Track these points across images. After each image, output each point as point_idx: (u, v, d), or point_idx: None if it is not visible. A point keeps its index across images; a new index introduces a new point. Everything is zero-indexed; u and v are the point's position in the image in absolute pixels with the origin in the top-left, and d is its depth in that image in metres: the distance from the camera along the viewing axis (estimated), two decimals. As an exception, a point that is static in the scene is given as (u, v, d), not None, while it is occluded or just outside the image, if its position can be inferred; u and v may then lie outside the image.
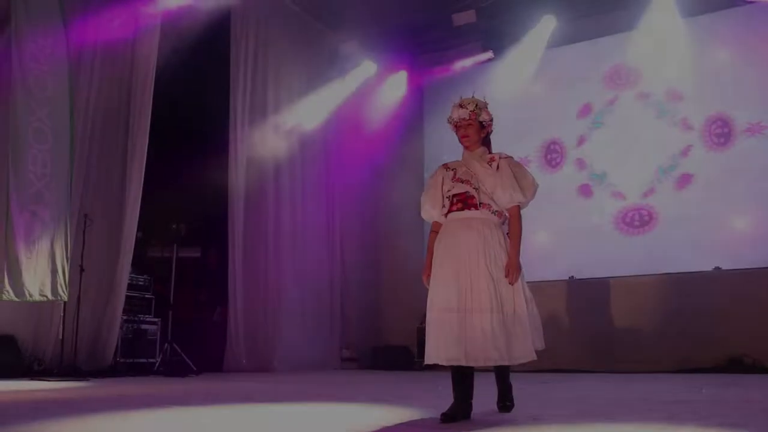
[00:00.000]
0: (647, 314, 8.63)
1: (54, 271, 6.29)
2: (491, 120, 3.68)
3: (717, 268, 8.38)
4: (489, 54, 10.21)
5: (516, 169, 3.57)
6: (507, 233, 3.60)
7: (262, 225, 9.10)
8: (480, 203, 3.51)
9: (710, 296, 8.26)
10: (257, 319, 8.89)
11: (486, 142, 3.72)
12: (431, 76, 10.73)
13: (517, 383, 3.79)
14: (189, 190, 8.47)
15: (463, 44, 10.64)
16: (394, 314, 10.39)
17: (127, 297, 7.56)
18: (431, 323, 3.41)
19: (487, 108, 3.66)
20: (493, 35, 10.23)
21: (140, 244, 7.98)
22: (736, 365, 7.73)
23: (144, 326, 7.95)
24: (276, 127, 9.44)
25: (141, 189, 7.42)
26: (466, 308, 3.32)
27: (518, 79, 10.06)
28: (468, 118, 3.60)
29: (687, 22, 9.09)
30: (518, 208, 3.54)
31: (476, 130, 3.62)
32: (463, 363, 3.25)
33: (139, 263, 8.17)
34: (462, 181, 3.57)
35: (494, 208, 3.52)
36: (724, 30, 8.94)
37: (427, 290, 3.49)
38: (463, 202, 3.54)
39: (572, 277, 9.17)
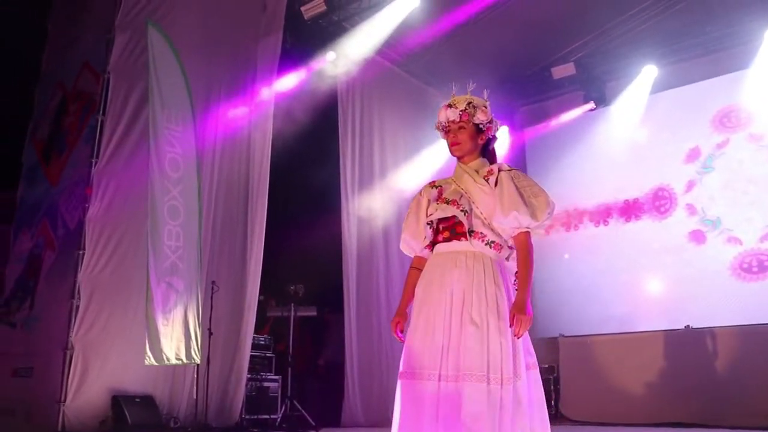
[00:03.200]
0: (772, 365, 8.24)
1: (188, 336, 6.85)
2: (491, 122, 2.91)
3: None
4: (590, 105, 10.24)
5: (522, 184, 2.77)
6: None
7: (374, 283, 9.45)
8: (471, 231, 2.73)
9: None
10: (372, 373, 9.16)
11: (486, 152, 2.95)
12: (533, 130, 10.86)
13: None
14: (305, 252, 8.96)
15: (563, 95, 10.75)
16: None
17: (251, 356, 8.03)
18: (398, 391, 2.75)
19: (485, 107, 2.90)
20: (594, 86, 10.27)
21: (261, 305, 8.47)
22: None
23: (266, 383, 8.41)
24: (383, 188, 9.85)
25: (261, 255, 7.92)
26: (440, 374, 2.60)
27: (622, 127, 10.03)
28: (459, 119, 2.87)
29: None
30: (527, 235, 2.72)
31: (470, 134, 2.87)
32: None
33: (259, 323, 8.67)
34: (448, 203, 2.80)
35: (489, 238, 2.74)
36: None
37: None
38: (450, 230, 2.78)
39: (688, 326, 8.92)
